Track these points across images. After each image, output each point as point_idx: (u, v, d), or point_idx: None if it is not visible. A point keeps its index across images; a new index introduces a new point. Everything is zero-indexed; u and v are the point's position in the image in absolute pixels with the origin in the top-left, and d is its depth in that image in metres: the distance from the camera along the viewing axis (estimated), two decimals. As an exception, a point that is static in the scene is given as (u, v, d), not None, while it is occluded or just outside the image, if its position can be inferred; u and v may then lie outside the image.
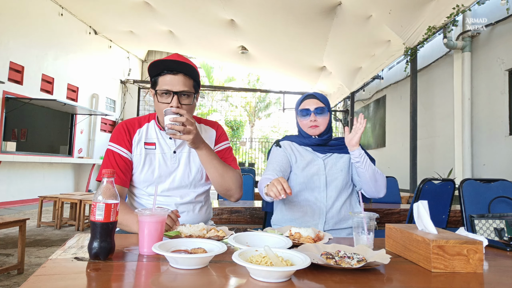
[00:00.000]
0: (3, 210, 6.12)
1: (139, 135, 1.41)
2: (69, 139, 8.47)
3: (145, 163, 1.39)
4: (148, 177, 1.39)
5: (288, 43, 8.07)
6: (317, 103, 1.60)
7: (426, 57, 6.72)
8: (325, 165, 1.60)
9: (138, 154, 1.39)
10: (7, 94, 6.36)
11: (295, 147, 1.66)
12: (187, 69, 1.32)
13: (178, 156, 1.42)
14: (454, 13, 4.81)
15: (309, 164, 1.60)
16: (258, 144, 15.06)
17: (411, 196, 4.51)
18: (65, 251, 0.92)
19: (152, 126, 1.44)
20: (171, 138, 1.41)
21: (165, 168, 1.40)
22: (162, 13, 7.50)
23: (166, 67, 1.31)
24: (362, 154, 1.50)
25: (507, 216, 1.54)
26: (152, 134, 1.43)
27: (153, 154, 1.40)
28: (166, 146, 1.42)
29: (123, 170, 1.35)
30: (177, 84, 1.30)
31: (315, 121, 1.59)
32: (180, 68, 1.31)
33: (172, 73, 1.30)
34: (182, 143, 1.42)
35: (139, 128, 1.42)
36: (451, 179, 2.45)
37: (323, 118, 1.59)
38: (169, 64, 1.30)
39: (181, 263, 0.81)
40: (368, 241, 1.08)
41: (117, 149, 1.37)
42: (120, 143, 1.38)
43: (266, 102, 21.35)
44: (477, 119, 5.47)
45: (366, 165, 1.49)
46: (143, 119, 1.46)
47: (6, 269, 2.61)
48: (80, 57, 8.51)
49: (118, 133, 1.40)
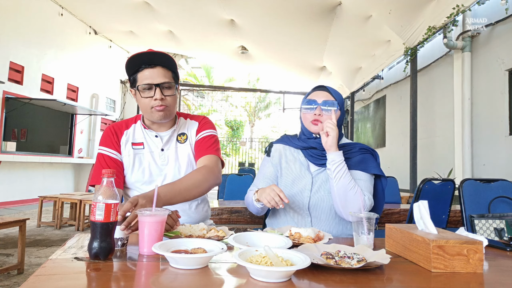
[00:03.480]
0: (3, 210, 6.12)
1: (126, 136, 1.42)
2: (69, 139, 8.47)
3: (134, 164, 1.39)
4: (140, 177, 1.39)
5: (288, 43, 8.07)
6: (327, 96, 1.38)
7: (426, 57, 6.72)
8: (313, 183, 1.38)
9: (127, 155, 1.40)
10: (7, 94, 6.35)
11: (285, 154, 1.47)
12: (164, 61, 1.32)
13: (166, 153, 1.42)
14: (454, 13, 4.81)
15: (294, 180, 1.41)
16: (258, 144, 15.06)
17: (411, 196, 4.51)
18: (65, 251, 0.92)
19: (138, 126, 1.45)
20: (156, 136, 1.42)
21: (155, 166, 1.40)
22: (162, 13, 7.50)
23: (143, 62, 1.31)
24: (337, 162, 1.28)
25: (507, 216, 1.54)
26: (139, 134, 1.43)
27: (142, 154, 1.40)
28: (153, 145, 1.42)
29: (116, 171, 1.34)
30: (157, 76, 1.31)
31: (319, 115, 1.36)
32: (156, 60, 1.31)
33: (150, 67, 1.30)
34: (168, 140, 1.42)
35: (126, 130, 1.43)
36: (451, 179, 2.45)
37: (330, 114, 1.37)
38: (145, 57, 1.30)
39: (181, 263, 0.81)
40: (368, 241, 1.08)
41: (106, 152, 1.38)
42: (109, 145, 1.39)
43: (266, 102, 21.36)
44: (477, 119, 5.47)
45: (337, 176, 1.27)
46: (130, 121, 1.47)
47: (6, 269, 2.61)
48: (80, 57, 8.51)
49: (106, 136, 1.41)
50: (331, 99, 1.37)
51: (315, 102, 1.37)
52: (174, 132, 1.44)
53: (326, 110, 1.36)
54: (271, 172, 1.48)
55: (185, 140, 1.46)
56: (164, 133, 1.43)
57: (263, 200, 1.24)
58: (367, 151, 1.41)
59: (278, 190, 1.20)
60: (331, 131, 1.28)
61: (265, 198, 1.23)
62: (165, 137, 1.42)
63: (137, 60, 1.31)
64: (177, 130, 1.46)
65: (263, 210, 1.40)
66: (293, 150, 1.48)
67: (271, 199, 1.20)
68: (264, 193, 1.24)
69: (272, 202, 1.20)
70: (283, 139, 1.53)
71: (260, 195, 1.28)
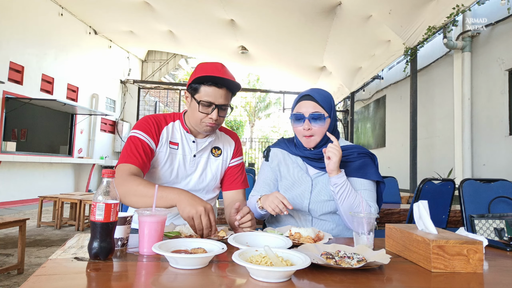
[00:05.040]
0: (3, 210, 6.13)
1: (167, 132, 1.41)
2: (69, 139, 8.47)
3: (166, 161, 1.39)
4: (166, 175, 1.39)
5: (288, 43, 8.07)
6: (314, 107, 1.34)
7: (426, 57, 6.72)
8: (313, 187, 1.39)
9: (163, 151, 1.39)
10: (7, 94, 6.36)
11: (284, 158, 1.48)
12: (231, 84, 1.33)
13: (197, 160, 1.43)
14: (454, 13, 4.81)
15: (294, 184, 1.42)
16: (258, 144, 15.07)
17: (411, 196, 4.51)
18: (65, 251, 0.92)
19: (177, 126, 1.44)
20: (194, 142, 1.42)
21: (183, 170, 1.41)
22: (162, 13, 7.51)
23: (213, 79, 1.30)
24: (340, 185, 1.26)
25: (507, 216, 1.54)
26: (176, 134, 1.43)
27: (174, 154, 1.40)
28: (188, 149, 1.42)
29: (147, 156, 1.32)
30: (220, 97, 1.32)
31: (309, 129, 1.34)
32: (224, 82, 1.32)
33: (217, 86, 1.31)
34: (203, 148, 1.43)
35: (166, 125, 1.42)
36: (451, 179, 2.44)
37: (320, 126, 1.34)
38: (217, 79, 1.30)
39: (181, 263, 0.81)
40: (368, 241, 1.08)
41: (144, 138, 1.33)
42: (147, 132, 1.35)
43: (266, 102, 21.37)
44: (477, 119, 5.47)
45: (342, 197, 1.27)
46: (168, 118, 1.45)
47: (6, 269, 2.61)
48: (80, 57, 8.51)
49: (147, 124, 1.37)
50: (318, 109, 1.34)
51: (302, 116, 1.35)
52: (210, 143, 1.46)
53: (314, 122, 1.34)
54: (270, 177, 1.49)
55: (219, 155, 1.49)
56: (201, 140, 1.44)
57: (267, 208, 1.25)
58: (366, 155, 1.40)
59: (281, 197, 1.21)
60: (334, 156, 1.25)
61: (269, 206, 1.24)
62: (201, 145, 1.43)
63: (208, 76, 1.30)
64: (213, 142, 1.48)
65: (267, 215, 1.43)
66: (291, 155, 1.48)
67: (275, 206, 1.22)
68: (268, 201, 1.25)
69: (276, 209, 1.22)
70: (280, 144, 1.52)
71: (263, 202, 1.29)
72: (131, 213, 1.03)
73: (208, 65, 1.33)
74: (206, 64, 1.35)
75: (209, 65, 1.33)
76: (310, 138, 1.36)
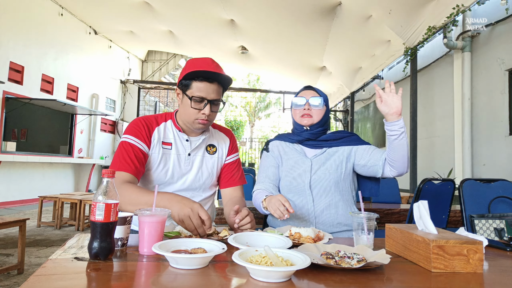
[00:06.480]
0: (3, 210, 6.13)
1: (158, 133, 1.40)
2: (69, 139, 8.47)
3: (160, 162, 1.38)
4: (161, 176, 1.38)
5: (288, 43, 8.07)
6: (314, 94, 1.54)
7: (426, 57, 6.72)
8: (312, 166, 1.50)
9: (156, 152, 1.38)
10: (7, 94, 6.35)
11: (283, 147, 1.59)
12: (222, 79, 1.33)
13: (192, 158, 1.42)
14: (454, 13, 4.81)
15: (294, 165, 1.52)
16: (258, 144, 15.07)
17: (411, 196, 4.51)
18: (65, 251, 0.92)
19: (169, 125, 1.43)
20: (187, 140, 1.42)
21: (178, 169, 1.40)
22: (162, 13, 7.50)
23: (204, 74, 1.30)
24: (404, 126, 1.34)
25: (507, 216, 1.54)
26: (169, 134, 1.42)
27: (168, 154, 1.40)
28: (181, 148, 1.41)
29: (139, 161, 1.32)
30: (212, 92, 1.32)
31: (308, 109, 1.50)
32: (216, 77, 1.31)
33: (208, 81, 1.31)
34: (197, 146, 1.43)
35: (157, 126, 1.41)
36: (451, 179, 2.44)
37: (318, 110, 1.51)
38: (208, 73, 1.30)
39: (181, 263, 0.81)
40: (368, 241, 1.08)
41: (135, 142, 1.33)
42: (138, 136, 1.35)
43: (266, 102, 21.37)
44: (477, 119, 5.47)
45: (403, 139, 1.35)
46: (160, 118, 1.44)
47: (6, 269, 2.61)
48: (80, 57, 8.51)
49: (137, 127, 1.37)
50: (318, 95, 1.53)
51: (303, 98, 1.53)
52: (204, 140, 1.45)
53: (314, 106, 1.51)
54: (272, 162, 1.58)
55: (214, 153, 1.49)
56: (195, 138, 1.43)
57: (270, 210, 1.28)
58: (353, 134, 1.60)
59: (283, 200, 1.23)
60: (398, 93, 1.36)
61: (271, 207, 1.27)
62: (195, 143, 1.42)
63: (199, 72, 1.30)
64: (207, 139, 1.47)
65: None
66: (289, 144, 1.59)
67: (276, 209, 1.23)
68: (271, 203, 1.28)
69: (277, 212, 1.23)
70: (278, 136, 1.65)
71: (268, 203, 1.32)
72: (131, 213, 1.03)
73: (199, 61, 1.33)
74: (197, 59, 1.34)
75: (200, 61, 1.33)
76: (308, 118, 1.51)
